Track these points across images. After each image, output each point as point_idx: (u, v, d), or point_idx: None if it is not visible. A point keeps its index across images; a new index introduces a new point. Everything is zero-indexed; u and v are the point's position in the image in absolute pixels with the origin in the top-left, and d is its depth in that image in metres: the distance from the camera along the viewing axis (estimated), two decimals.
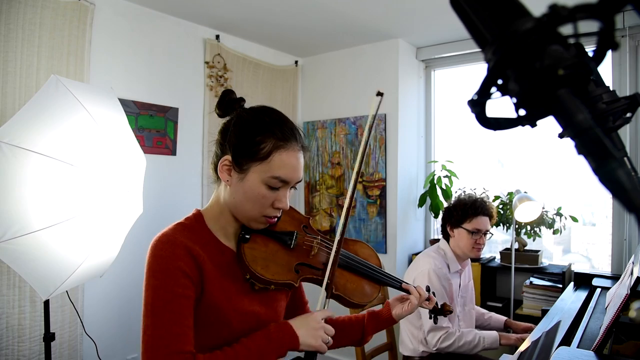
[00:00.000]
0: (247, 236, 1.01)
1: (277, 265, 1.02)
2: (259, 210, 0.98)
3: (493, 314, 2.23)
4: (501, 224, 2.83)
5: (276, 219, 1.03)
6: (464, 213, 2.01)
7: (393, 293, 1.32)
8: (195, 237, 0.98)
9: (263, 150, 0.95)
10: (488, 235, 2.07)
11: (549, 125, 0.38)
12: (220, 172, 0.98)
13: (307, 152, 1.04)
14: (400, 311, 1.23)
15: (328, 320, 1.25)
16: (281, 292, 1.12)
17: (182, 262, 0.91)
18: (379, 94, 1.05)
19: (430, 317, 1.35)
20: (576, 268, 2.66)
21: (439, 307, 1.33)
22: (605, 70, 2.50)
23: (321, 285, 1.05)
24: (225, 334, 0.97)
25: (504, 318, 2.19)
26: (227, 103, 1.02)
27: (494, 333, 1.94)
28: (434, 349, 1.90)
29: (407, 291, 1.25)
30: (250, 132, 0.96)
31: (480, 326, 2.20)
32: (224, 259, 1.00)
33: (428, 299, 1.27)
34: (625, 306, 1.30)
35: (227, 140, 0.98)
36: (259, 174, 0.95)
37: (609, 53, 0.36)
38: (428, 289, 1.29)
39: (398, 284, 1.25)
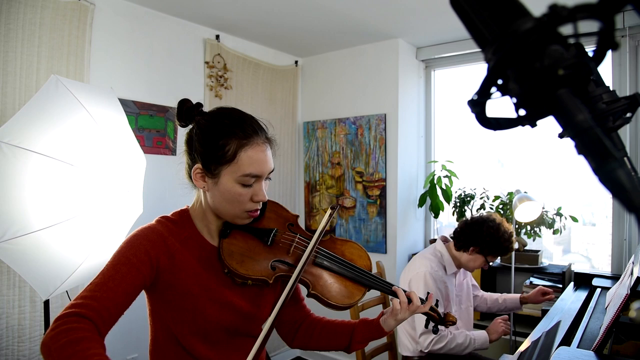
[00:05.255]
0: (228, 231, 1.05)
1: (252, 261, 1.03)
2: (239, 208, 1.01)
3: (507, 296, 2.24)
4: None
5: (259, 212, 1.05)
6: (495, 249, 1.96)
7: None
8: (176, 230, 1.04)
9: (228, 153, 0.98)
10: None
11: (549, 125, 0.38)
12: (195, 180, 1.03)
13: (273, 143, 1.06)
14: (387, 317, 1.13)
15: (311, 318, 1.23)
16: (267, 287, 1.10)
17: (150, 244, 0.98)
18: (333, 207, 1.09)
19: (427, 326, 1.23)
20: (576, 268, 2.66)
21: (441, 316, 1.22)
22: (605, 70, 2.50)
23: (299, 283, 1.06)
24: (200, 321, 1.01)
25: (518, 296, 2.21)
26: (186, 112, 1.04)
27: (484, 334, 1.97)
28: (426, 350, 1.92)
29: (396, 294, 1.13)
30: (212, 138, 0.99)
31: (498, 311, 2.24)
32: (204, 253, 1.05)
33: (410, 302, 1.12)
34: (625, 306, 1.30)
35: (193, 149, 1.02)
36: (230, 175, 0.98)
37: (609, 53, 0.36)
38: (427, 295, 1.18)
39: (386, 287, 1.15)
